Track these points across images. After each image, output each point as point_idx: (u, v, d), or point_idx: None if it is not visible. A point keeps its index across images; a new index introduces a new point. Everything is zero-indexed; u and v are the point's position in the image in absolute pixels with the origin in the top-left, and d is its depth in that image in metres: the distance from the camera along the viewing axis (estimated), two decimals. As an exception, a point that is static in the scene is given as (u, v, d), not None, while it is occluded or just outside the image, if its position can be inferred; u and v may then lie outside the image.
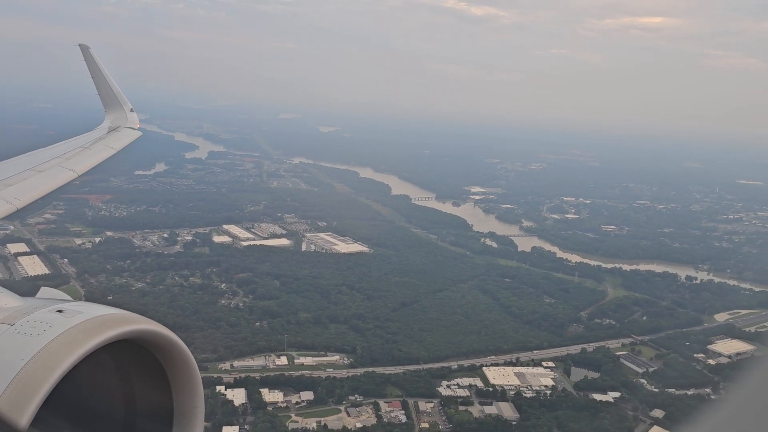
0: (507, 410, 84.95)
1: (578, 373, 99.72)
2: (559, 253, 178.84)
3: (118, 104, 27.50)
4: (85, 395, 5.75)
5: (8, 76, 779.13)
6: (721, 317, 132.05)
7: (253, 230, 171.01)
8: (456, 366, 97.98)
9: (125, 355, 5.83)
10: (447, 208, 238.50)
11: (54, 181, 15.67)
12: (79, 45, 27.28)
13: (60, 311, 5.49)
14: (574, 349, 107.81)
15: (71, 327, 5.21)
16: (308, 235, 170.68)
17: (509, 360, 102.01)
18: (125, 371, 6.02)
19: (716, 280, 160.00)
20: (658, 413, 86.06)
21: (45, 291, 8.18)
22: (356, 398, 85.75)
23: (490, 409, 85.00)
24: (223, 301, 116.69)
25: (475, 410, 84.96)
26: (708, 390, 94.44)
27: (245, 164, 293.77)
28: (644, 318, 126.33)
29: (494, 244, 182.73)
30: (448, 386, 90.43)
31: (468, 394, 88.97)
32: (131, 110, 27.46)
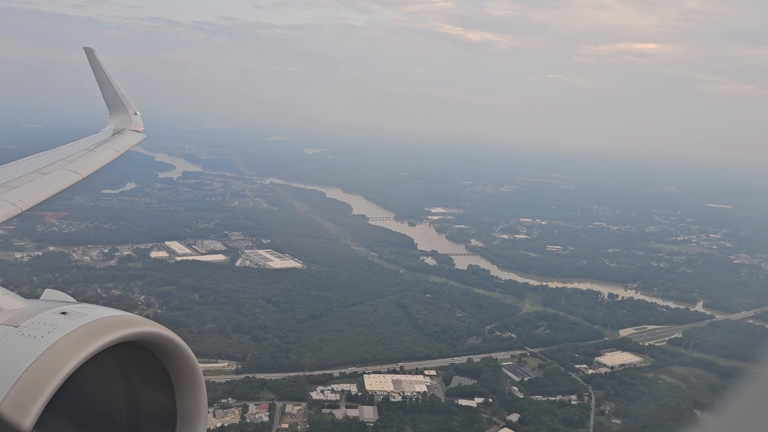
0: (369, 413, 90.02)
1: (458, 381, 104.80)
2: (496, 272, 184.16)
3: (122, 107, 27.28)
4: (89, 397, 5.79)
5: (6, 98, 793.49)
6: (626, 332, 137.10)
7: (194, 246, 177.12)
8: (338, 373, 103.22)
9: (129, 357, 5.86)
10: (402, 227, 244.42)
11: (59, 183, 15.67)
12: (84, 48, 27.28)
13: (64, 313, 5.53)
14: (462, 360, 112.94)
15: (75, 329, 5.22)
16: (247, 251, 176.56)
17: (393, 368, 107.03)
18: (129, 373, 6.05)
19: (637, 297, 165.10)
20: (514, 417, 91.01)
21: (49, 293, 8.28)
22: (228, 401, 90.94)
23: (353, 412, 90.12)
24: (135, 312, 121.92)
25: (340, 413, 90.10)
26: (573, 397, 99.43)
27: (213, 184, 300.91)
28: (546, 332, 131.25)
29: (433, 262, 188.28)
30: (322, 391, 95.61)
31: (338, 398, 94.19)
32: (135, 113, 27.29)
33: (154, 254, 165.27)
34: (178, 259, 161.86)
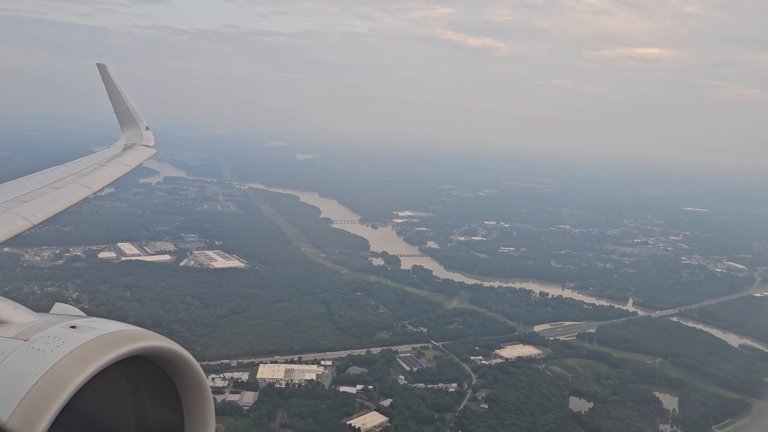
0: (249, 398, 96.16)
1: (352, 371, 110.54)
2: (441, 272, 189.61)
3: (133, 122, 27.47)
4: (97, 411, 5.81)
5: (7, 105, 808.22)
6: (542, 327, 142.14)
7: (144, 247, 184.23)
8: (236, 363, 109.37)
9: (137, 371, 5.92)
10: (364, 230, 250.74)
11: (70, 197, 15.86)
12: (97, 64, 27.62)
13: (73, 327, 5.58)
14: (362, 351, 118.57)
15: (84, 343, 5.28)
16: (196, 252, 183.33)
17: (293, 359, 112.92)
18: (137, 388, 6.10)
19: (569, 296, 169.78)
20: (386, 402, 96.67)
21: (59, 307, 8.33)
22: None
23: (234, 397, 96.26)
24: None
25: (222, 398, 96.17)
26: (454, 384, 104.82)
27: (189, 189, 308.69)
28: (459, 326, 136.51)
29: (381, 262, 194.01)
30: (213, 378, 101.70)
31: (226, 384, 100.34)
32: (146, 128, 27.51)
33: (102, 255, 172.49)
34: (124, 259, 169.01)
